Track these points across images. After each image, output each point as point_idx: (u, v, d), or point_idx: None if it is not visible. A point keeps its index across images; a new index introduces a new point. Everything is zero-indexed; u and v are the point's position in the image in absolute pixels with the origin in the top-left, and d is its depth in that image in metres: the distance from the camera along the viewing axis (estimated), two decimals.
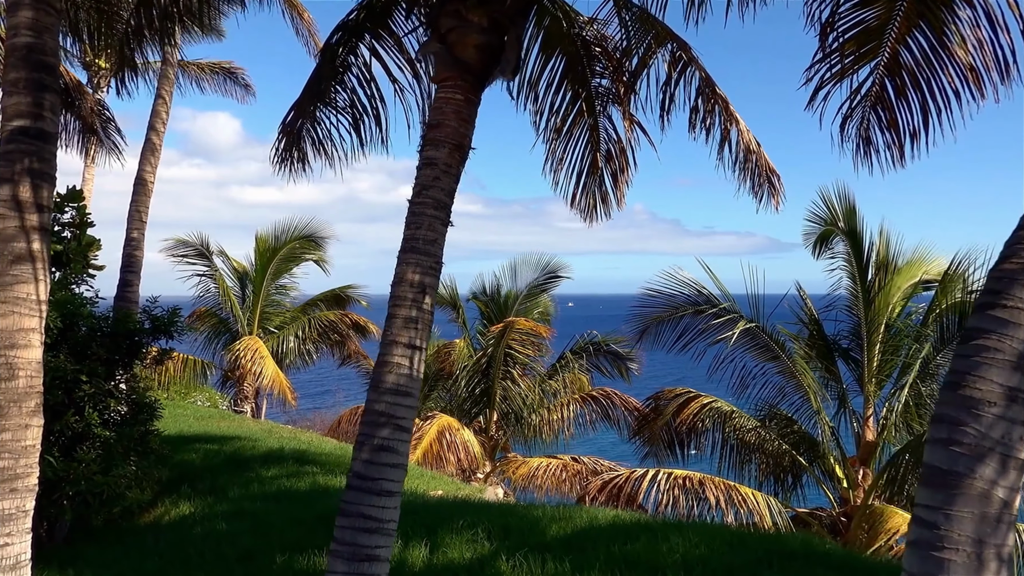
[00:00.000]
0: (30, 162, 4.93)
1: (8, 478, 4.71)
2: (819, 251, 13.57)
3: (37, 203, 4.95)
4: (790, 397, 13.03)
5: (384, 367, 4.86)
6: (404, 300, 4.95)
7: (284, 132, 7.45)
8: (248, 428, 14.22)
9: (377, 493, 4.64)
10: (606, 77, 8.38)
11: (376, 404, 4.80)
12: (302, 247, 19.21)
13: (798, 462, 12.93)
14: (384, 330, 4.99)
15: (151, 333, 9.12)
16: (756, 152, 8.26)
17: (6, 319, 4.77)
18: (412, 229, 5.08)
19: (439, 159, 5.18)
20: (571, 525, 7.20)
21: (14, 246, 4.84)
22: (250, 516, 7.93)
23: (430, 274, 5.05)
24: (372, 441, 4.69)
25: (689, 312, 13.08)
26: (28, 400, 4.83)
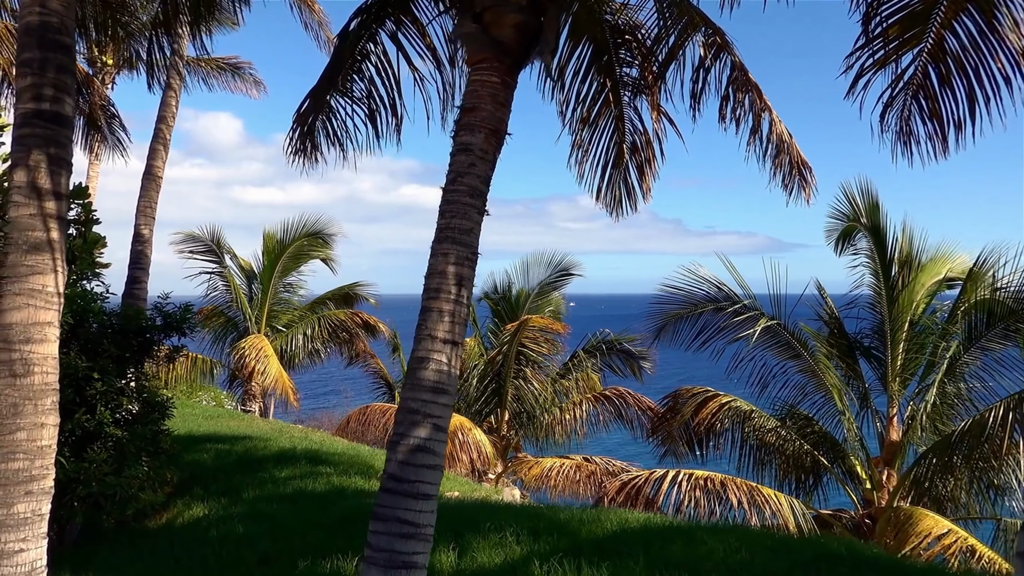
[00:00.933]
0: (46, 147, 4.68)
1: (23, 480, 4.46)
2: (841, 248, 13.32)
3: (54, 190, 4.70)
4: (811, 396, 12.78)
5: (420, 363, 4.61)
6: (440, 293, 4.70)
7: (298, 123, 7.23)
8: (258, 428, 13.96)
9: (414, 496, 4.39)
10: (633, 66, 8.13)
11: (412, 402, 4.54)
12: (310, 245, 18.95)
13: (819, 462, 12.67)
14: (419, 325, 4.73)
15: (163, 330, 8.88)
16: (788, 143, 8.02)
17: (21, 312, 4.52)
18: (447, 218, 4.83)
19: (475, 144, 4.93)
20: (601, 528, 6.95)
21: (29, 235, 4.59)
22: (267, 518, 7.67)
23: (466, 265, 4.79)
24: (408, 441, 4.44)
25: (709, 309, 12.83)
26: (44, 398, 4.58)
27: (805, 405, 12.85)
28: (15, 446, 4.45)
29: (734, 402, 13.26)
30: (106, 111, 16.26)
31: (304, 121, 7.14)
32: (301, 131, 7.18)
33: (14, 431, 4.46)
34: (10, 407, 4.46)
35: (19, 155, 4.65)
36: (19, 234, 4.59)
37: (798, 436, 12.81)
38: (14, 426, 4.46)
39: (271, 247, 18.70)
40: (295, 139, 7.18)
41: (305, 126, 7.13)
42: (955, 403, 11.82)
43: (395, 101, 7.33)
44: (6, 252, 4.60)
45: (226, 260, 18.66)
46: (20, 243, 4.58)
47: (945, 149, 6.66)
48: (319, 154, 7.31)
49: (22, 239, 4.58)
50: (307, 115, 7.15)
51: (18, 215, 4.60)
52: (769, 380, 12.94)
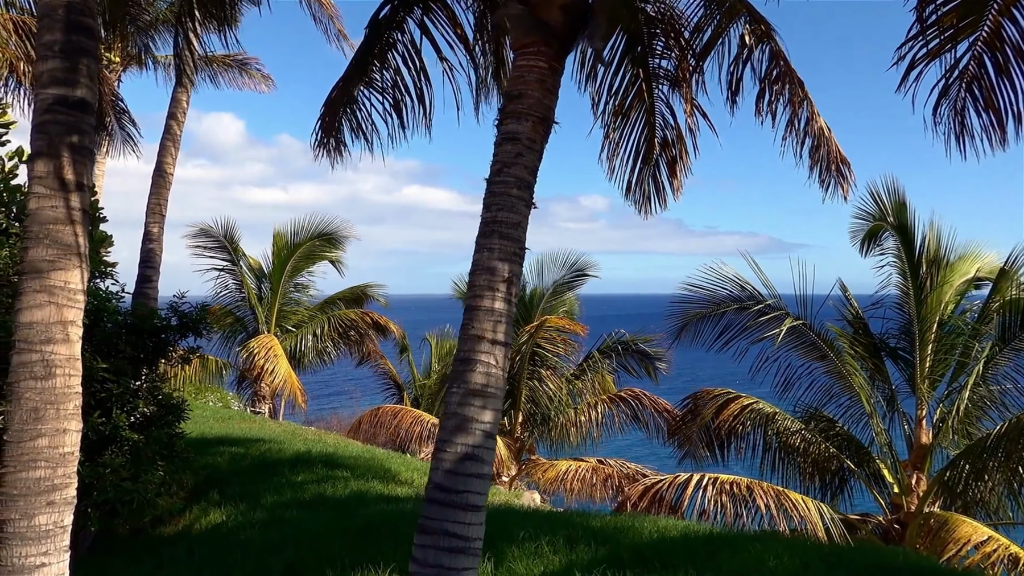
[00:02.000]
0: (68, 135, 4.40)
1: (45, 489, 4.18)
2: (867, 248, 13.03)
3: (77, 181, 4.42)
4: (837, 398, 12.48)
5: (467, 365, 4.33)
6: (487, 290, 4.42)
7: (324, 115, 6.99)
8: (271, 430, 13.69)
9: (462, 507, 4.11)
10: (667, 58, 7.85)
11: (458, 407, 4.26)
12: (321, 245, 18.67)
13: (845, 466, 12.38)
14: (464, 324, 4.45)
15: (178, 330, 8.60)
16: (828, 137, 7.75)
17: (42, 310, 4.24)
18: (493, 211, 4.55)
19: (522, 133, 4.65)
20: (639, 536, 6.66)
21: (51, 229, 4.30)
22: (288, 525, 7.39)
23: (514, 261, 4.51)
24: (456, 449, 4.16)
25: (732, 308, 12.54)
26: (66, 402, 4.29)
27: (830, 407, 12.56)
28: (36, 453, 4.17)
29: (756, 404, 12.98)
30: (115, 106, 15.99)
31: (329, 114, 6.88)
32: (326, 124, 6.93)
33: (35, 437, 4.18)
34: (31, 412, 4.18)
35: (40, 144, 4.36)
36: (40, 228, 4.31)
37: (823, 439, 12.52)
38: (35, 432, 4.18)
39: (282, 247, 18.42)
40: (320, 132, 6.92)
41: (331, 119, 6.88)
42: (987, 405, 11.53)
43: (423, 92, 7.08)
44: (26, 247, 4.32)
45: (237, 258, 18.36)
46: (41, 237, 4.30)
47: (1004, 140, 6.39)
48: (343, 147, 7.06)
49: (43, 233, 4.30)
50: (333, 108, 6.90)
51: (39, 207, 4.32)
52: (794, 381, 12.65)
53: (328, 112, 6.66)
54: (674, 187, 8.45)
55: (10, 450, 4.18)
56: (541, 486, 16.16)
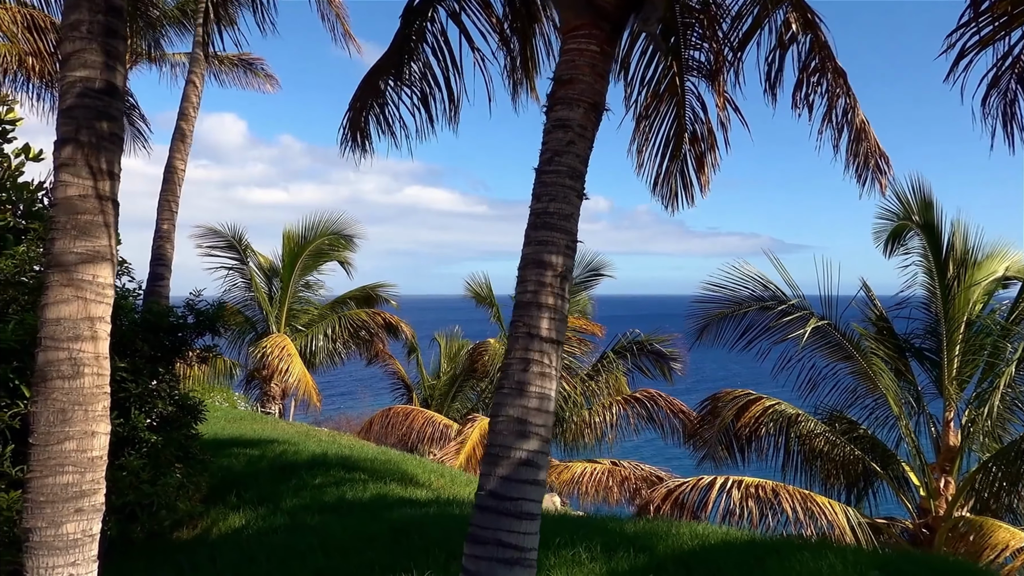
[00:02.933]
0: (97, 120, 4.15)
1: (73, 496, 3.93)
2: (891, 248, 12.80)
3: (107, 169, 4.17)
4: (863, 400, 12.24)
5: (519, 366, 4.08)
6: (539, 285, 4.17)
7: (351, 111, 6.81)
8: (284, 431, 13.44)
9: (517, 516, 3.86)
10: (700, 49, 7.62)
11: (511, 410, 4.01)
12: (331, 244, 18.42)
13: (870, 468, 12.13)
14: (514, 322, 4.21)
15: (195, 328, 8.36)
16: (867, 131, 7.52)
17: (70, 305, 3.99)
18: (544, 201, 4.30)
19: (573, 120, 4.40)
20: (678, 543, 6.41)
21: (80, 219, 4.06)
22: (312, 530, 7.15)
23: (567, 254, 4.27)
24: (510, 454, 3.91)
25: (754, 308, 12.30)
26: (95, 402, 4.05)
27: (855, 409, 12.32)
28: (63, 457, 3.93)
29: (778, 405, 12.74)
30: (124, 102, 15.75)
31: (357, 110, 6.69)
32: (352, 120, 6.74)
33: (62, 440, 3.93)
34: (57, 413, 3.94)
35: (67, 129, 4.12)
36: (67, 217, 4.06)
37: (848, 441, 12.28)
38: (62, 435, 3.93)
39: (291, 246, 18.17)
40: (346, 128, 6.73)
41: (358, 114, 6.68)
42: (1017, 407, 11.28)
43: (451, 83, 6.86)
44: (52, 238, 4.08)
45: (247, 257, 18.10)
46: (68, 227, 4.05)
47: None
48: (369, 143, 6.86)
49: (71, 223, 4.05)
50: (360, 103, 6.71)
51: (66, 196, 4.08)
52: (818, 382, 12.41)
53: (355, 108, 6.45)
54: (701, 183, 8.24)
55: (36, 454, 3.94)
56: (556, 488, 15.92)
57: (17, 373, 6.56)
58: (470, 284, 17.65)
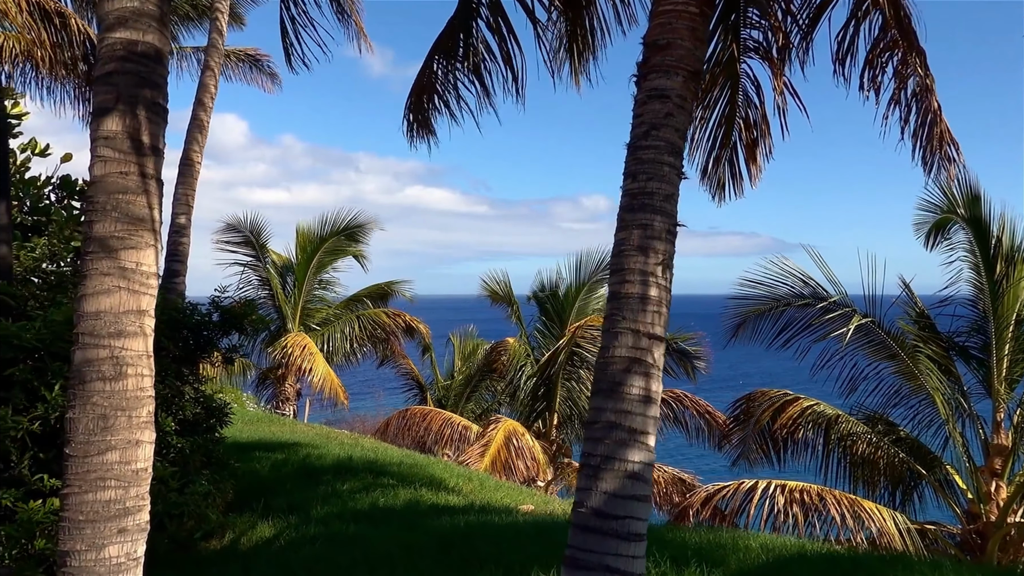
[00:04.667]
0: (139, 88, 3.67)
1: (116, 514, 3.45)
2: (933, 242, 12.32)
3: (151, 143, 3.69)
4: (907, 400, 11.77)
5: (619, 365, 3.60)
6: (639, 274, 3.69)
7: (413, 92, 6.45)
8: (303, 433, 12.96)
9: (624, 537, 3.39)
10: (758, 28, 7.14)
11: (612, 415, 3.54)
12: (347, 240, 17.93)
13: (915, 472, 11.66)
14: (610, 315, 3.73)
15: (221, 327, 7.89)
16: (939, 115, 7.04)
17: (111, 297, 3.51)
18: (641, 180, 3.82)
19: (671, 89, 3.92)
20: (749, 557, 5.94)
21: (121, 199, 3.57)
22: (351, 541, 6.67)
23: (668, 240, 3.79)
24: (614, 466, 3.43)
25: (794, 305, 11.82)
26: (139, 407, 3.57)
27: (900, 410, 11.84)
28: (105, 470, 3.45)
29: (817, 406, 12.26)
30: None
31: (418, 91, 6.33)
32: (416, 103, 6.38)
33: (104, 451, 3.46)
34: (98, 419, 3.46)
35: (106, 98, 3.64)
36: (108, 198, 3.58)
37: (891, 443, 11.80)
38: (104, 444, 3.46)
39: (305, 242, 17.69)
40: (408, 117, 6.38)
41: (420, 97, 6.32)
42: None
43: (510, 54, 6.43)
44: (90, 221, 3.60)
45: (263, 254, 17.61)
46: (109, 209, 3.58)
47: None
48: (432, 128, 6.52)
49: (111, 204, 3.58)
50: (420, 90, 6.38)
51: (106, 173, 3.60)
52: (859, 382, 11.93)
53: (416, 93, 6.07)
54: (752, 173, 7.79)
55: (74, 466, 3.46)
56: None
57: (37, 374, 6.09)
58: (486, 282, 17.18)
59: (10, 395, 6.07)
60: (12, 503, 5.88)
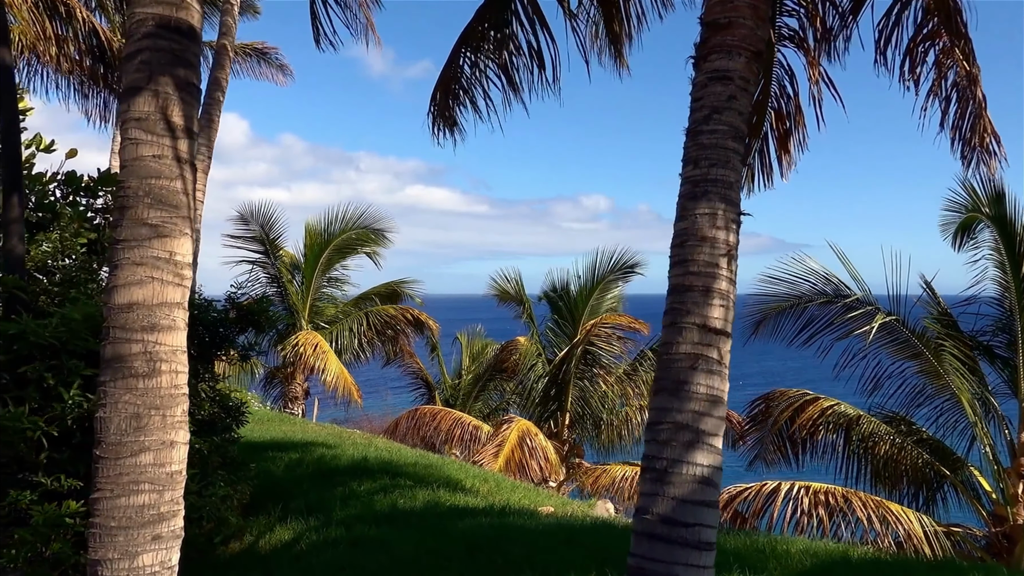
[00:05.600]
0: (172, 67, 3.46)
1: (150, 520, 3.23)
2: (960, 242, 12.13)
3: (185, 125, 3.47)
4: (931, 400, 11.56)
5: (685, 362, 3.39)
6: (704, 266, 3.48)
7: (438, 86, 6.28)
8: (316, 432, 12.75)
9: (695, 546, 3.17)
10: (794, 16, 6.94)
11: (678, 415, 3.32)
12: (358, 238, 17.69)
13: (939, 473, 11.44)
14: (673, 309, 3.51)
15: (237, 323, 7.67)
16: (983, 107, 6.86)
17: (144, 288, 3.30)
18: (703, 167, 3.61)
19: (733, 71, 3.71)
20: (791, 563, 5.72)
21: (154, 184, 3.36)
22: (376, 545, 6.45)
23: (733, 230, 3.57)
24: (682, 470, 3.22)
25: (816, 302, 11.62)
26: (173, 406, 3.36)
27: (924, 410, 11.63)
28: (139, 473, 3.23)
29: (837, 406, 12.06)
30: None
31: (443, 86, 6.15)
32: (439, 102, 6.22)
33: (137, 452, 3.24)
34: (131, 419, 3.24)
35: (138, 77, 3.42)
36: (140, 183, 3.37)
37: (914, 444, 11.60)
38: (137, 445, 3.24)
39: (314, 240, 17.46)
40: (433, 112, 6.21)
41: (445, 91, 6.14)
42: None
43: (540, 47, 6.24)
44: (122, 207, 3.38)
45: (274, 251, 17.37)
46: (141, 195, 3.36)
47: None
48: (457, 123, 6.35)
49: (144, 189, 3.36)
50: (446, 84, 6.20)
51: (137, 156, 3.38)
52: (883, 381, 11.72)
53: (442, 88, 5.89)
54: (783, 164, 7.61)
55: (105, 468, 3.24)
56: (592, 492, 15.22)
57: (53, 372, 5.87)
58: (496, 281, 16.95)
59: (25, 394, 5.86)
60: (28, 505, 5.65)
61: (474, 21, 6.10)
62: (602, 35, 6.88)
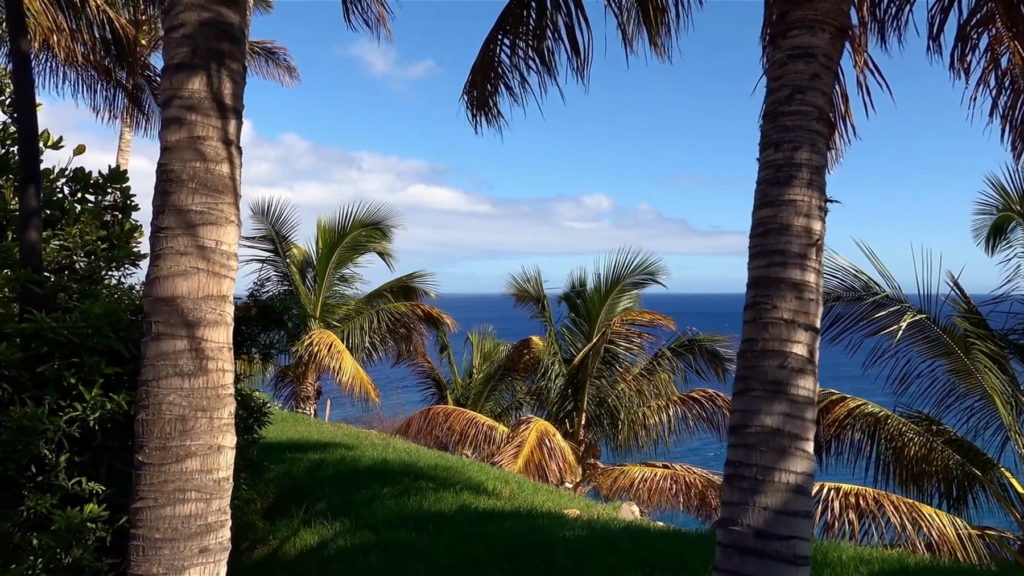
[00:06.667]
0: (219, 42, 3.21)
1: (197, 532, 2.98)
2: (994, 243, 11.92)
3: (232, 105, 3.22)
4: (963, 400, 11.30)
5: (774, 360, 3.13)
6: (790, 256, 3.22)
7: (473, 71, 6.07)
8: (331, 433, 12.51)
9: (791, 561, 2.92)
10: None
11: (768, 418, 3.06)
12: (368, 235, 17.43)
13: (970, 474, 11.19)
14: (756, 303, 3.26)
15: (260, 322, 7.42)
16: None
17: (189, 280, 3.05)
18: (786, 150, 3.35)
19: (817, 48, 3.45)
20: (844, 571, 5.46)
21: (199, 168, 3.11)
22: (409, 551, 6.20)
23: (820, 218, 3.32)
24: (775, 478, 2.96)
25: (844, 299, 11.37)
26: (220, 407, 3.11)
27: (954, 411, 11.38)
28: (185, 480, 2.98)
29: (864, 406, 11.80)
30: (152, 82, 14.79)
31: (479, 75, 5.94)
32: (475, 86, 5.99)
33: (183, 458, 2.99)
34: (176, 421, 2.99)
35: (182, 52, 3.17)
36: (183, 166, 3.12)
37: (944, 444, 11.34)
38: (183, 450, 2.99)
39: (326, 237, 17.20)
40: (471, 95, 5.97)
41: (481, 79, 5.93)
42: None
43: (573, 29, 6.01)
44: (166, 192, 3.13)
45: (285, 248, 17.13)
46: (185, 179, 3.11)
47: None
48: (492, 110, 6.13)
49: (187, 173, 3.11)
50: (482, 70, 5.98)
51: (182, 138, 3.13)
52: (912, 381, 11.47)
53: (478, 73, 5.67)
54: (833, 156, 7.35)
55: (148, 475, 2.99)
56: (610, 494, 14.97)
57: (73, 370, 5.61)
58: (515, 280, 16.70)
59: (43, 393, 5.60)
60: (48, 510, 5.40)
61: (512, 4, 5.86)
62: (635, 20, 6.65)
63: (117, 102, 15.36)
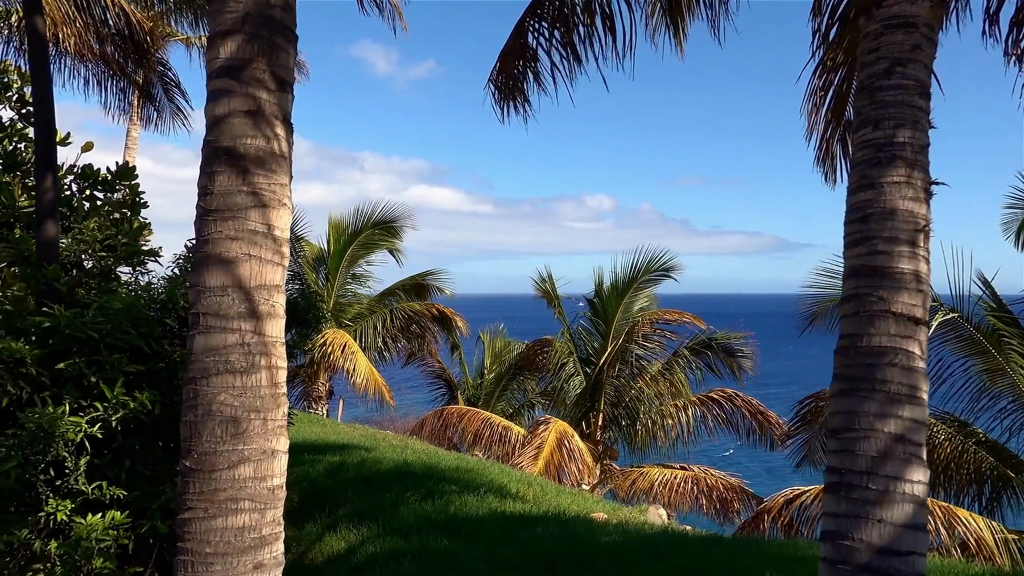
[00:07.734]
0: (269, 8, 2.93)
1: (252, 545, 2.70)
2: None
3: (282, 77, 2.94)
4: (997, 400, 11.02)
5: (880, 359, 2.83)
6: (895, 244, 2.93)
7: (502, 57, 5.82)
8: (348, 434, 12.22)
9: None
10: None
11: (877, 420, 2.77)
12: (380, 234, 17.15)
13: (1005, 476, 10.91)
14: (858, 295, 2.97)
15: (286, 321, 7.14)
16: None
17: (240, 267, 2.77)
18: (886, 128, 3.06)
19: (918, 17, 3.17)
20: None
21: (250, 145, 2.83)
22: (443, 558, 5.92)
23: (926, 201, 3.03)
24: (892, 488, 2.67)
25: None
26: (274, 407, 2.82)
27: (987, 413, 11.09)
28: (237, 488, 2.70)
29: None
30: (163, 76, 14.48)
31: (505, 62, 5.69)
32: (502, 73, 5.74)
33: (235, 464, 2.71)
34: (227, 424, 2.71)
35: (230, 17, 2.89)
36: (233, 142, 2.86)
37: (977, 446, 11.06)
38: (235, 455, 2.71)
39: (338, 236, 16.91)
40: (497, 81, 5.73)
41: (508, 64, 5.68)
42: None
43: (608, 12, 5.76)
44: (211, 172, 2.85)
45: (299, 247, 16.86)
46: (232, 156, 2.83)
47: None
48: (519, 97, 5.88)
49: (236, 149, 2.84)
50: (508, 56, 5.73)
51: (230, 112, 2.85)
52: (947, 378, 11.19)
53: (508, 58, 5.41)
54: None
55: (197, 483, 2.71)
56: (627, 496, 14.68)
57: (93, 368, 5.34)
58: (538, 283, 16.46)
59: (62, 392, 5.33)
60: (68, 516, 5.13)
61: None
62: (659, 12, 6.43)
63: (127, 97, 15.08)
